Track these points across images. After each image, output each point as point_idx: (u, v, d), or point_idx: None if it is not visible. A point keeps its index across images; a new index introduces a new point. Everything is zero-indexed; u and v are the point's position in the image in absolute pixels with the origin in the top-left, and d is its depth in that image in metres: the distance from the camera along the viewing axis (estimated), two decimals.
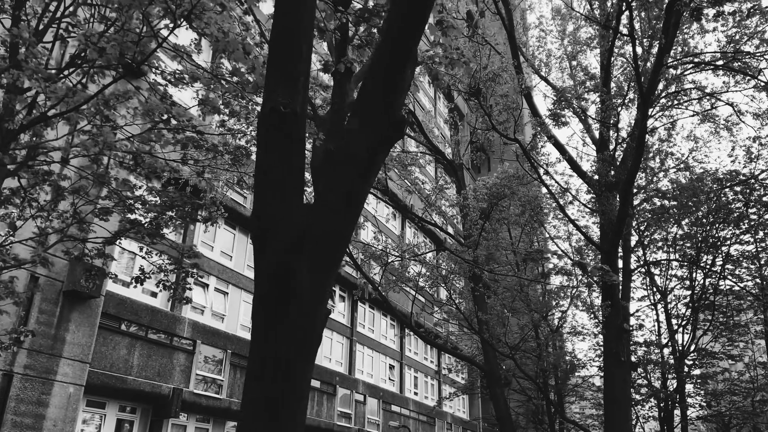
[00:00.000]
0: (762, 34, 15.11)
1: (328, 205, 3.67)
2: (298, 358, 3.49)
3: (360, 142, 3.66)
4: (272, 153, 3.62)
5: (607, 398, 12.67)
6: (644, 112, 10.43)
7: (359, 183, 3.66)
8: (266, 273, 3.57)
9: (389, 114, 3.66)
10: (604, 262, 12.92)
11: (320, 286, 3.58)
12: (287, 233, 3.55)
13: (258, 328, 3.59)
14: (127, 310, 17.52)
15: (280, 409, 3.37)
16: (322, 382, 26.91)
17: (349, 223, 3.69)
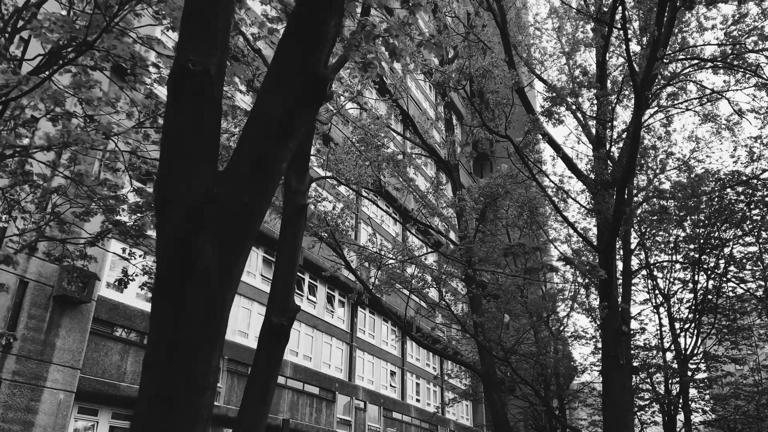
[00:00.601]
0: (761, 30, 14.87)
1: (236, 171, 3.26)
2: (200, 346, 3.08)
3: (274, 100, 3.30)
4: (180, 116, 3.25)
5: (606, 402, 12.36)
6: (638, 107, 10.17)
7: (273, 147, 3.26)
8: (163, 250, 3.18)
9: (307, 70, 3.32)
10: (601, 263, 12.66)
11: (228, 266, 3.16)
12: (187, 203, 3.14)
13: (155, 314, 3.22)
14: (120, 315, 17.32)
15: (176, 403, 2.99)
16: (321, 388, 26.62)
17: (260, 193, 3.25)
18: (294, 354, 25.84)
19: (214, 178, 3.27)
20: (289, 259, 5.96)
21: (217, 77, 3.33)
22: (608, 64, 14.04)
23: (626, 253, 17.15)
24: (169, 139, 3.33)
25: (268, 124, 3.29)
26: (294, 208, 5.82)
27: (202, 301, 3.09)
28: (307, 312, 27.33)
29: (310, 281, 28.32)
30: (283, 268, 5.94)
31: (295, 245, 5.96)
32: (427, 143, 16.18)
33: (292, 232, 5.90)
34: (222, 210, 3.17)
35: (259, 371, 5.63)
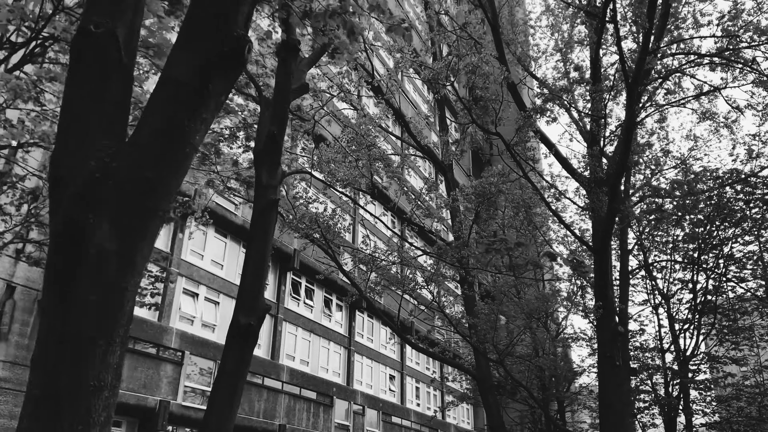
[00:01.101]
0: (757, 24, 14.63)
1: (138, 143, 2.90)
2: (93, 341, 2.73)
3: (184, 64, 2.96)
4: (80, 84, 2.92)
5: (602, 403, 12.08)
6: (631, 102, 9.95)
7: (181, 115, 2.90)
8: (54, 234, 2.82)
9: (222, 30, 2.98)
10: (596, 262, 12.40)
11: (129, 251, 2.81)
12: (79, 180, 2.79)
13: (45, 306, 2.87)
14: None
15: (65, 404, 2.66)
16: (319, 393, 26.34)
17: (166, 167, 2.89)
18: (291, 359, 25.58)
19: (113, 152, 2.92)
20: (259, 256, 5.73)
21: (128, 42, 3.02)
22: (602, 62, 13.82)
23: (623, 253, 16.90)
24: (66, 110, 3.01)
25: (177, 90, 2.97)
26: (265, 204, 5.59)
27: (97, 290, 2.76)
28: (303, 316, 27.09)
29: (307, 285, 28.09)
30: (253, 265, 5.71)
31: (266, 241, 5.72)
32: (420, 143, 15.96)
33: (263, 228, 5.67)
34: (120, 187, 2.84)
35: (226, 373, 5.38)
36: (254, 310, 5.51)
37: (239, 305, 5.57)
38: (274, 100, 5.62)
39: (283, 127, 5.60)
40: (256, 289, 5.60)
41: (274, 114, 5.52)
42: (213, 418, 5.07)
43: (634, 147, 14.86)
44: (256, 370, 22.50)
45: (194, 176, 11.48)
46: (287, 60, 5.62)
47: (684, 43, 16.19)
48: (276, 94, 5.64)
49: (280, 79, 5.65)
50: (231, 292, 22.68)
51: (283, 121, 5.60)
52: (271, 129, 5.49)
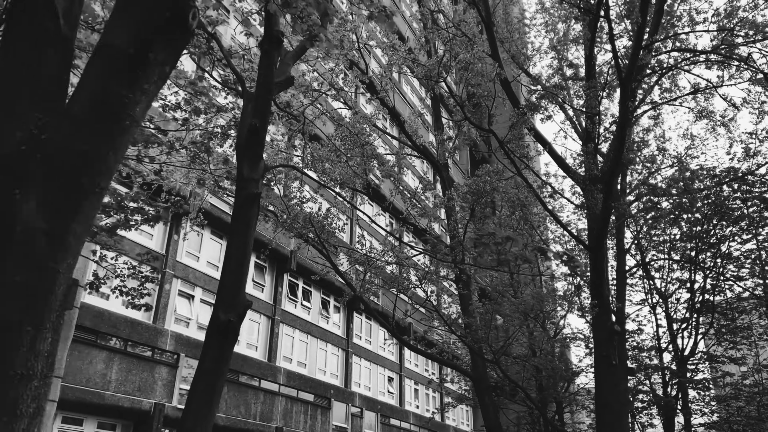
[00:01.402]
0: (753, 21, 14.56)
1: (71, 113, 2.72)
2: (18, 326, 2.55)
3: (122, 30, 2.78)
4: (13, 55, 2.73)
5: (599, 403, 11.96)
6: (624, 98, 9.85)
7: (119, 85, 2.72)
8: None
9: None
10: (591, 261, 12.30)
11: (60, 229, 2.63)
12: (5, 151, 2.60)
13: None
14: (105, 322, 16.97)
15: None
16: (316, 395, 26.20)
17: (102, 139, 2.69)
18: (288, 361, 25.46)
19: (43, 123, 2.72)
20: (240, 251, 5.61)
21: (68, 11, 2.83)
22: (596, 60, 13.75)
23: (620, 252, 16.81)
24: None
25: (114, 58, 2.79)
26: (246, 197, 5.47)
27: (23, 271, 2.59)
28: (301, 318, 26.97)
29: (304, 287, 27.97)
30: (234, 260, 5.59)
31: (247, 236, 5.61)
32: (415, 142, 15.86)
33: (245, 222, 5.55)
34: (48, 160, 2.66)
35: (205, 371, 5.26)
36: (234, 306, 5.39)
37: (219, 301, 5.45)
38: (256, 92, 5.53)
39: (265, 120, 5.49)
40: (236, 285, 5.48)
41: (256, 107, 5.42)
42: (190, 419, 4.94)
43: (629, 144, 14.78)
44: (252, 372, 22.39)
45: (187, 176, 11.37)
46: (270, 52, 5.52)
47: (680, 41, 16.14)
48: (258, 87, 5.54)
49: (263, 72, 5.55)
50: None
51: (266, 115, 5.50)
52: (253, 122, 5.39)
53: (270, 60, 5.53)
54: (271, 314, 24.86)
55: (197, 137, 9.72)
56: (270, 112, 5.66)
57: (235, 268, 5.55)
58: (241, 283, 5.57)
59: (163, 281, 19.54)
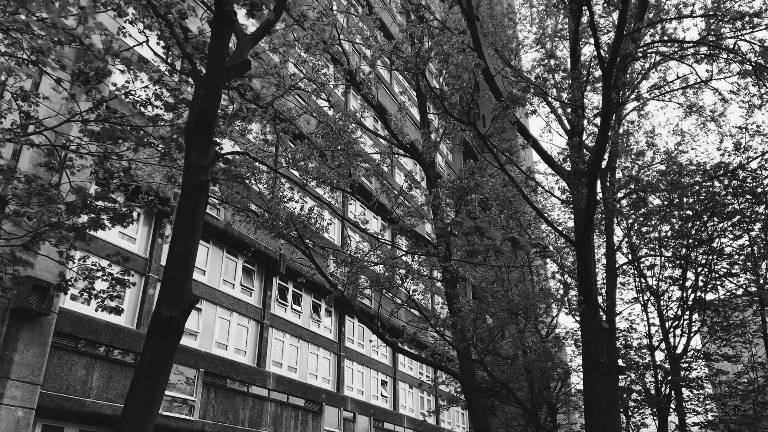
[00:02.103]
0: (739, 11, 14.32)
1: None
2: None
3: None
4: None
5: (587, 402, 11.66)
6: (607, 88, 9.58)
7: None
8: None
9: None
10: (578, 257, 12.01)
11: None
12: None
13: None
14: (85, 328, 16.61)
15: None
16: (307, 400, 25.82)
17: None
18: (278, 365, 25.08)
19: None
20: (186, 243, 5.29)
21: None
22: (581, 52, 13.49)
23: (609, 249, 16.55)
24: None
25: None
26: (193, 186, 5.16)
27: None
28: (291, 322, 26.61)
29: (294, 290, 27.62)
30: (179, 252, 5.27)
31: (194, 227, 5.28)
32: (401, 140, 15.57)
33: (192, 212, 5.23)
34: None
35: (143, 372, 4.93)
36: (178, 301, 5.07)
37: (162, 296, 5.12)
38: (206, 75, 5.23)
39: (215, 104, 5.19)
40: (181, 279, 5.16)
41: (206, 90, 5.13)
42: (128, 424, 4.61)
43: (613, 135, 14.52)
44: (240, 377, 22.02)
45: (157, 172, 11.06)
46: (221, 32, 5.22)
47: (666, 34, 15.90)
48: (209, 69, 5.24)
49: (213, 53, 5.25)
50: (214, 299, 22.21)
51: (216, 98, 5.19)
52: (202, 106, 5.09)
53: (221, 41, 5.24)
54: (260, 318, 24.49)
55: (167, 132, 9.40)
56: (220, 97, 5.37)
57: (179, 261, 5.23)
58: (187, 276, 5.25)
59: (147, 285, 19.19)
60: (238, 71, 5.61)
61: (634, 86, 16.75)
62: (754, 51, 12.85)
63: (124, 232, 19.02)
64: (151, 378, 4.87)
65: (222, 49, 5.24)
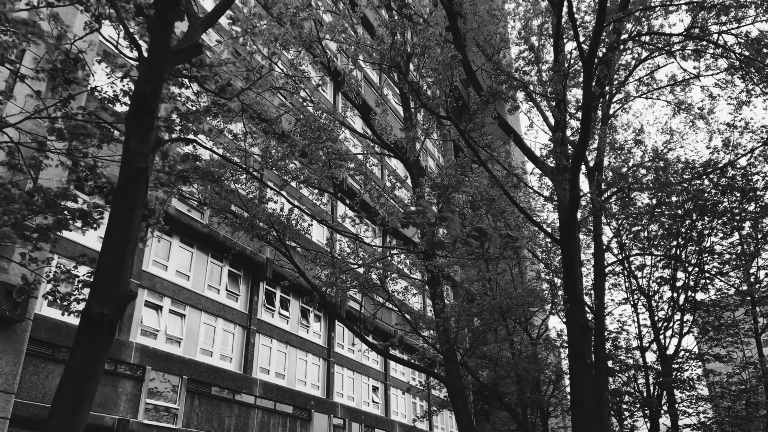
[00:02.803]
0: (723, 4, 14.13)
1: None
2: None
3: None
4: None
5: (574, 404, 11.34)
6: (588, 78, 9.33)
7: None
8: None
9: None
10: (563, 255, 11.72)
11: None
12: None
13: None
14: (62, 335, 16.19)
15: None
16: (296, 407, 25.39)
17: None
18: (265, 372, 24.65)
19: None
20: (121, 234, 4.94)
21: None
22: (564, 47, 13.25)
23: (597, 248, 16.29)
24: None
25: None
26: (131, 173, 4.81)
27: None
28: (279, 327, 26.20)
29: (282, 295, 27.22)
30: (114, 243, 4.93)
31: (131, 218, 4.94)
32: (384, 140, 15.27)
33: (130, 201, 4.89)
34: None
35: (71, 373, 4.56)
36: (112, 296, 4.72)
37: (93, 291, 4.77)
38: (149, 57, 4.92)
39: (157, 88, 4.87)
40: (115, 272, 4.82)
41: (148, 73, 4.81)
42: (53, 429, 4.26)
43: (600, 132, 14.28)
44: (226, 384, 21.60)
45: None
46: (165, 12, 4.90)
47: (651, 28, 15.70)
48: (150, 50, 4.94)
49: (157, 33, 4.94)
50: (198, 304, 21.80)
51: (158, 82, 4.87)
52: (142, 89, 4.77)
53: (166, 21, 4.92)
54: (247, 324, 24.09)
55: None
56: (163, 80, 5.04)
57: (114, 252, 4.88)
58: (122, 269, 4.90)
59: None
60: (188, 55, 5.29)
61: (621, 82, 16.55)
62: (740, 43, 12.64)
63: (103, 236, 18.61)
64: (80, 380, 4.51)
65: (166, 30, 4.93)
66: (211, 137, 14.37)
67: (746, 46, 12.38)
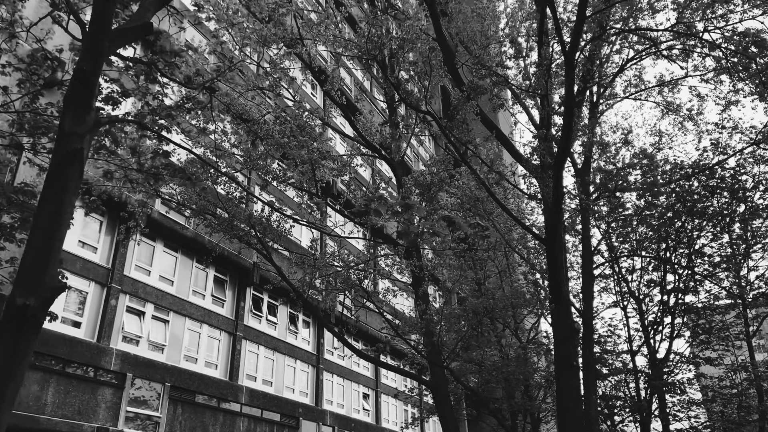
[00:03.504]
0: (712, 6, 13.97)
1: None
2: None
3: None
4: None
5: (560, 408, 11.02)
6: (570, 71, 9.09)
7: None
8: None
9: None
10: (548, 254, 11.44)
11: None
12: None
13: None
14: (40, 341, 15.75)
15: None
16: (283, 414, 24.95)
17: None
18: (251, 379, 24.23)
19: None
20: (51, 221, 4.57)
21: None
22: (549, 44, 13.01)
23: (586, 249, 16.04)
24: None
25: None
26: (64, 154, 4.46)
27: None
28: (266, 333, 25.79)
29: (270, 301, 26.83)
30: (42, 231, 4.57)
31: (63, 203, 4.58)
32: (368, 140, 14.99)
33: (61, 185, 4.52)
34: None
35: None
36: (38, 287, 4.36)
37: (18, 281, 4.41)
38: (89, 32, 4.63)
39: (96, 66, 4.56)
40: (42, 261, 4.45)
41: (87, 49, 4.51)
42: None
43: (589, 133, 14.06)
44: (210, 392, 21.17)
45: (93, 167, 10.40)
46: None
47: (637, 23, 15.52)
48: (91, 25, 4.64)
49: (97, 8, 4.65)
50: (183, 310, 21.40)
51: (98, 59, 4.58)
52: (81, 66, 4.48)
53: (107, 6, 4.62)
54: (233, 330, 23.68)
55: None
56: (104, 58, 4.74)
57: (42, 241, 4.53)
58: (50, 259, 4.55)
59: (109, 296, 18.40)
60: (136, 34, 5.00)
61: (608, 82, 16.37)
62: (725, 38, 12.46)
63: (84, 240, 18.24)
64: (2, 377, 4.17)
65: (107, 6, 4.62)
66: (192, 137, 14.08)
67: (731, 41, 12.20)
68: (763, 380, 18.20)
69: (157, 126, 8.95)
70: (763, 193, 16.91)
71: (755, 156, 17.01)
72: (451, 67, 10.95)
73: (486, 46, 13.50)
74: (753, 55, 13.85)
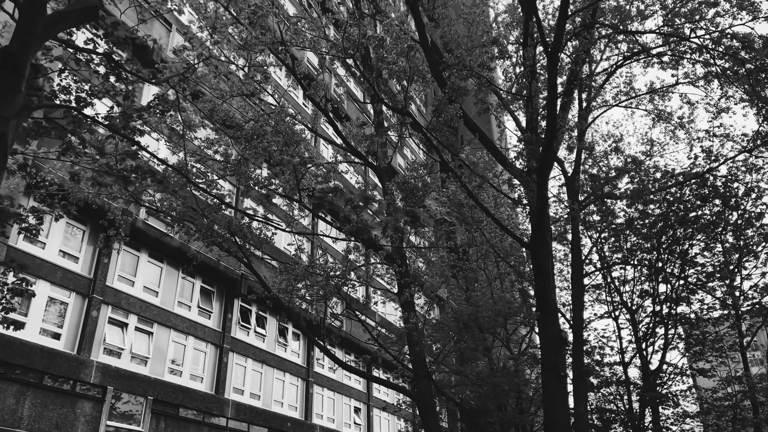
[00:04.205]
0: (699, 8, 13.82)
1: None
2: None
3: None
4: None
5: (548, 419, 10.65)
6: (553, 68, 8.86)
7: None
8: None
9: None
10: (532, 260, 11.14)
11: None
12: None
13: None
14: (16, 353, 15.34)
15: None
16: (270, 429, 24.41)
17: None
18: (238, 392, 23.74)
19: None
20: None
21: None
22: (534, 46, 12.80)
23: (575, 257, 15.75)
24: None
25: None
26: None
27: None
28: (254, 346, 25.34)
29: (259, 312, 26.41)
30: None
31: None
32: (353, 146, 14.70)
33: None
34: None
35: None
36: None
37: None
38: (20, 11, 4.34)
39: (26, 45, 4.29)
40: None
41: (17, 30, 4.23)
42: None
43: (578, 140, 13.83)
44: (195, 406, 20.69)
45: (54, 167, 10.07)
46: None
47: (624, 25, 15.37)
48: (24, 3, 4.36)
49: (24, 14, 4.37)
50: (168, 321, 20.98)
51: (28, 38, 4.30)
52: (8, 48, 4.19)
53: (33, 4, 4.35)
54: (219, 342, 23.23)
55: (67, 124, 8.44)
56: (34, 37, 4.45)
57: None
58: None
59: (90, 307, 17.99)
60: (79, 18, 4.71)
61: (598, 87, 16.20)
62: (713, 40, 12.28)
63: (65, 250, 17.87)
64: None
65: (32, 22, 4.34)
66: (174, 141, 13.78)
67: (721, 43, 12.02)
68: (757, 392, 17.84)
69: (122, 126, 8.65)
70: (755, 201, 16.69)
71: (747, 164, 16.81)
72: (434, 70, 10.71)
73: (471, 48, 13.27)
74: (741, 58, 13.69)
